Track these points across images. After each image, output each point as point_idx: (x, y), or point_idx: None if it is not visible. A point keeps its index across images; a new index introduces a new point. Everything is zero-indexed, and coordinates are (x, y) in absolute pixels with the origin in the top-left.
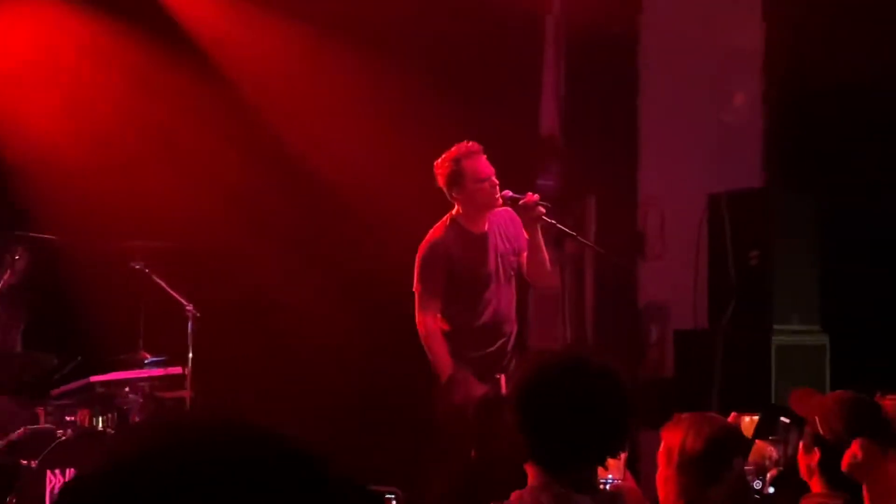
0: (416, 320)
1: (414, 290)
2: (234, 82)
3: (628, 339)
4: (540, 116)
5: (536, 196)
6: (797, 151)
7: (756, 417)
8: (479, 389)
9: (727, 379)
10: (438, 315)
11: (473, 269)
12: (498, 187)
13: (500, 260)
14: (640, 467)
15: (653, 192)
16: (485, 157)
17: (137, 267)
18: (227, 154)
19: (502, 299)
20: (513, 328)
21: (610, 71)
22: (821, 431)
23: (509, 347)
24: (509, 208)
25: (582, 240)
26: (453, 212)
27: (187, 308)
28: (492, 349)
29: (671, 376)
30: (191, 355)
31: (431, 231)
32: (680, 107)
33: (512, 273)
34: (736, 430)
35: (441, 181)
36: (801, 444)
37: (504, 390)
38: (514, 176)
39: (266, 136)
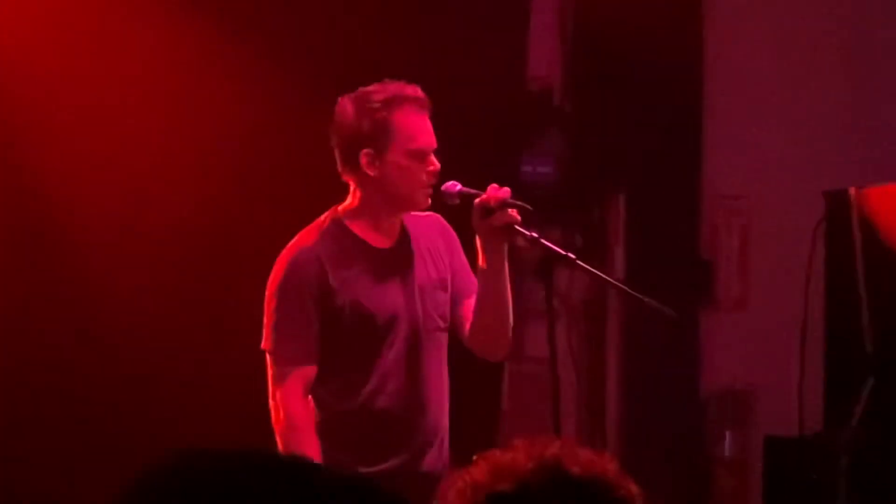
0: (270, 402)
1: (263, 346)
2: None
3: (682, 450)
4: (527, 59)
5: (506, 191)
6: None
7: None
8: None
9: None
10: (308, 391)
11: (364, 310)
12: (435, 176)
13: (421, 298)
14: None
15: (727, 189)
16: (426, 115)
17: None
18: None
19: (422, 368)
20: (440, 423)
21: None
22: None
23: (433, 462)
24: (439, 216)
25: (597, 273)
26: (341, 206)
27: None
28: (393, 461)
29: None
30: None
31: (297, 238)
32: (776, 51)
33: (442, 324)
34: None
35: (339, 142)
36: None
37: None
38: (476, 156)
39: None
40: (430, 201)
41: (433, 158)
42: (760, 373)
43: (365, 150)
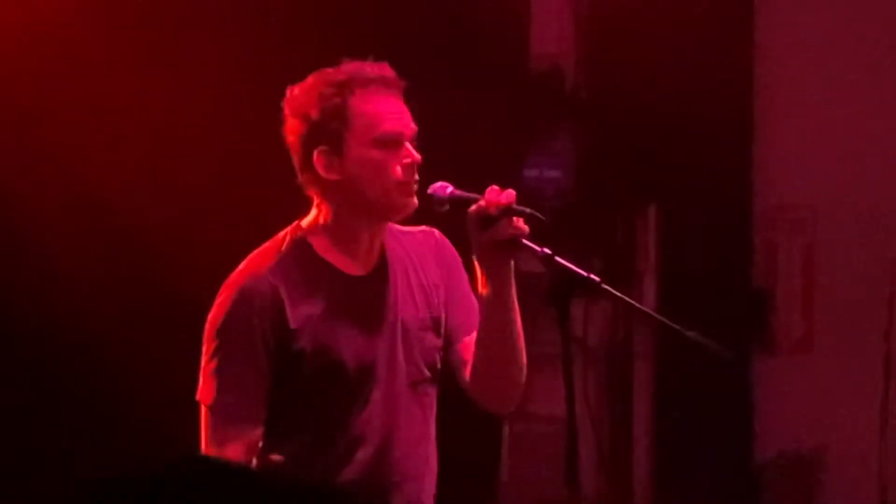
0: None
1: (198, 396)
2: None
3: None
4: (530, 30)
5: (510, 194)
6: None
7: None
8: None
9: None
10: (252, 459)
11: (331, 357)
12: (416, 170)
13: (404, 341)
14: None
15: (786, 199)
16: (396, 96)
17: None
18: None
19: (401, 431)
20: (422, 501)
21: None
22: None
23: None
24: (435, 231)
25: (629, 301)
26: (305, 221)
27: None
28: None
29: None
30: None
31: (248, 261)
32: (851, 18)
33: (430, 376)
34: None
35: (293, 137)
36: None
37: None
38: (467, 159)
39: None
40: (415, 203)
41: (410, 149)
42: (830, 432)
43: (319, 148)
